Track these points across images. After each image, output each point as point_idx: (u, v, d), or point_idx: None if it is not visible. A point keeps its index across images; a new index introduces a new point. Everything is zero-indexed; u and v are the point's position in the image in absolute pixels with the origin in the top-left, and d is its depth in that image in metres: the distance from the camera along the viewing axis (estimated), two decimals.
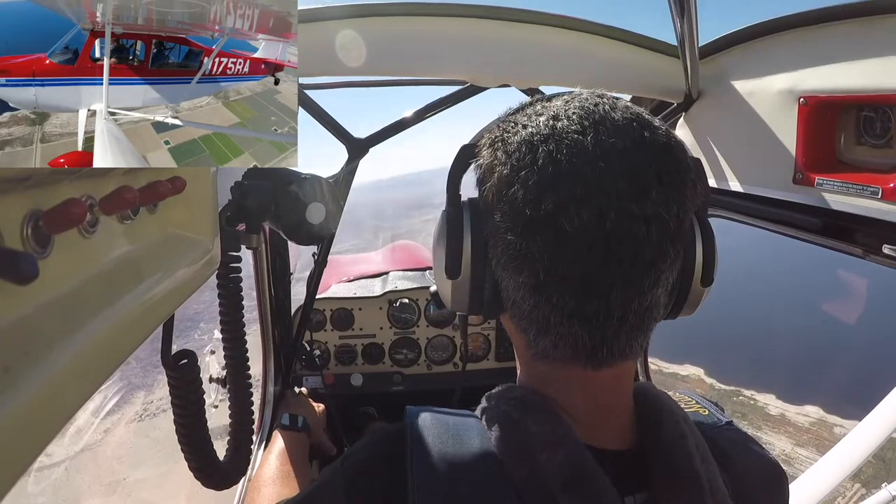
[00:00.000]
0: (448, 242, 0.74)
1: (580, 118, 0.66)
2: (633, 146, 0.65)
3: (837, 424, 22.94)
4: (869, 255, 1.16)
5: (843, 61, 1.16)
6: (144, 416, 16.05)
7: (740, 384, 26.98)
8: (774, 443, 22.32)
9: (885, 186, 1.09)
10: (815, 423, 23.30)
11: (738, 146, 1.51)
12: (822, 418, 23.56)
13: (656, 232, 0.64)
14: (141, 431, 15.18)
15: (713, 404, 0.93)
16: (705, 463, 0.72)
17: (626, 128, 0.66)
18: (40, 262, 0.49)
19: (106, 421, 15.26)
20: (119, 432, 15.16)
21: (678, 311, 0.77)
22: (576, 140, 0.64)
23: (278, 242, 2.21)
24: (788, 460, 20.86)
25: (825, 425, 23.09)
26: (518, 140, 0.68)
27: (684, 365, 28.46)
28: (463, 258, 0.74)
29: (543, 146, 0.65)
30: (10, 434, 0.44)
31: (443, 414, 0.76)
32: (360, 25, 1.36)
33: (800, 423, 23.63)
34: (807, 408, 24.33)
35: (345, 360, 2.68)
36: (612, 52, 1.52)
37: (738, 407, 24.96)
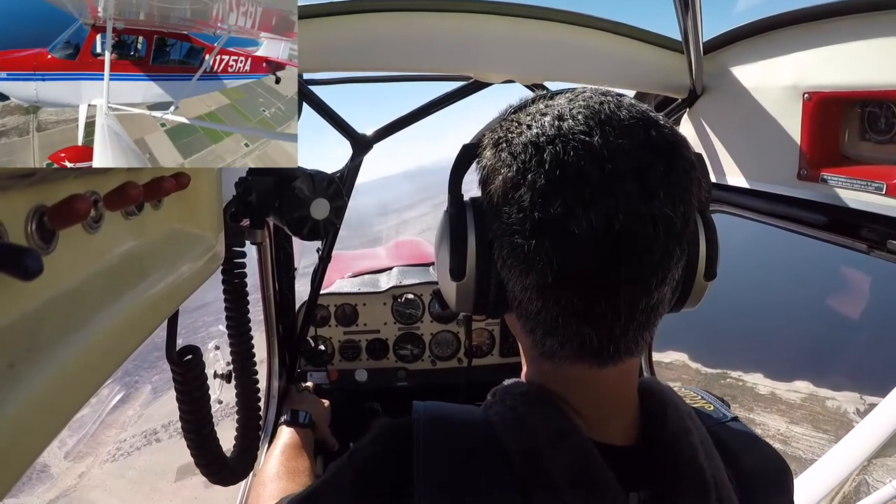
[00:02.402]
0: (452, 244, 0.74)
1: (586, 118, 0.66)
2: (640, 146, 0.65)
3: (829, 397, 22.86)
4: (873, 250, 1.15)
5: (847, 57, 1.15)
6: (118, 456, 16.05)
7: (726, 366, 26.90)
8: (768, 423, 22.23)
9: (890, 182, 1.09)
10: (807, 398, 23.19)
11: (743, 142, 1.51)
12: (812, 392, 23.46)
13: (664, 231, 0.64)
14: (116, 472, 15.15)
15: (718, 400, 0.93)
16: (710, 458, 0.73)
17: (632, 127, 0.66)
18: (44, 257, 0.50)
19: (79, 464, 15.21)
20: (94, 475, 15.10)
21: (682, 305, 0.78)
22: (582, 141, 0.64)
23: (282, 238, 2.21)
24: (785, 440, 20.78)
25: (817, 399, 22.98)
26: (523, 141, 0.67)
27: (667, 352, 28.42)
28: (467, 260, 0.74)
29: (550, 147, 0.65)
30: (15, 430, 0.44)
31: (449, 409, 0.76)
32: (366, 21, 1.36)
33: (791, 399, 23.53)
34: (796, 383, 24.22)
35: (349, 355, 2.68)
36: (617, 48, 1.52)
37: (727, 389, 24.86)
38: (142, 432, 19.17)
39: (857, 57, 1.13)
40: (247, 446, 1.41)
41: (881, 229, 1.13)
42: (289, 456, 1.59)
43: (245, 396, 1.39)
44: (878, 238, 1.13)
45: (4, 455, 0.43)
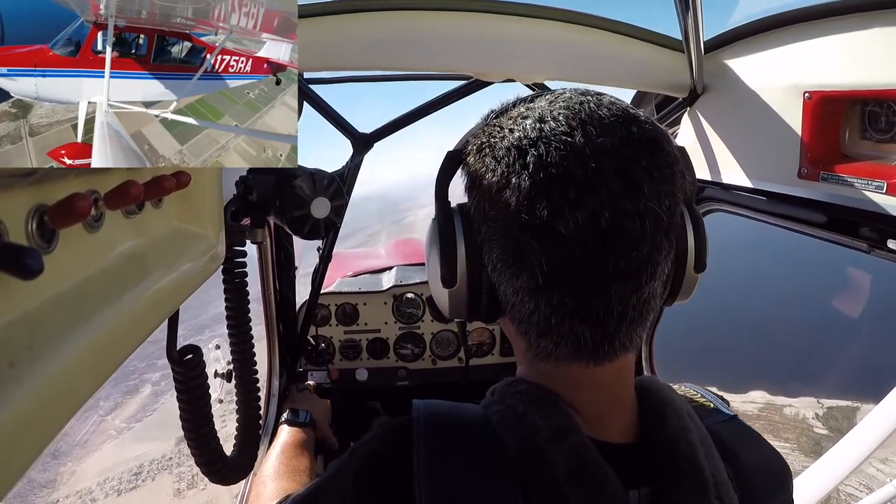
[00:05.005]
0: (442, 251, 0.74)
1: (566, 118, 0.66)
2: (622, 143, 0.65)
3: (786, 405, 22.65)
4: (874, 249, 1.15)
5: (848, 56, 1.15)
6: None
7: (677, 380, 26.62)
8: None
9: (890, 181, 1.09)
10: (764, 407, 22.93)
11: (743, 141, 1.51)
12: (769, 402, 23.21)
13: (651, 226, 0.64)
14: None
15: (718, 398, 0.93)
16: (709, 457, 0.73)
17: (613, 125, 0.66)
18: (45, 256, 0.50)
19: None
20: None
21: (674, 298, 0.78)
22: (565, 141, 0.64)
23: (283, 237, 2.22)
24: None
25: (774, 408, 22.73)
26: (506, 145, 0.68)
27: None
28: (458, 266, 0.74)
29: (533, 150, 0.65)
30: (15, 429, 0.44)
31: (448, 407, 0.76)
32: (366, 20, 1.36)
33: (748, 411, 23.16)
34: (751, 394, 24.00)
35: (350, 354, 2.69)
36: (618, 47, 1.52)
37: None
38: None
39: (857, 56, 1.13)
40: (247, 445, 1.41)
41: (882, 228, 1.13)
42: (289, 455, 1.60)
43: (245, 396, 1.39)
44: (879, 237, 1.13)
45: (4, 455, 0.43)
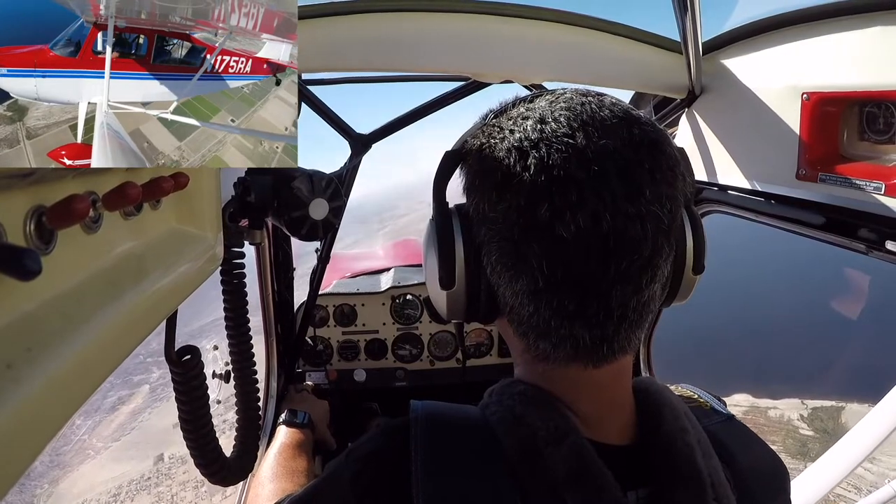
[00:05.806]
0: (440, 252, 0.74)
1: (568, 120, 0.66)
2: (624, 145, 0.65)
3: (770, 407, 22.49)
4: (872, 250, 1.15)
5: (846, 57, 1.15)
6: None
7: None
8: None
9: (889, 182, 1.09)
10: (749, 410, 22.70)
11: (741, 142, 1.51)
12: (753, 404, 22.96)
13: (652, 229, 0.64)
14: None
15: (716, 399, 0.93)
16: (707, 457, 0.73)
17: (614, 126, 0.66)
18: (43, 258, 0.50)
19: None
20: None
21: (672, 300, 0.78)
22: (566, 143, 0.64)
23: (281, 238, 2.22)
24: None
25: (759, 410, 22.51)
26: (506, 146, 0.67)
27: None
28: (456, 267, 0.73)
29: (534, 151, 0.64)
30: (13, 431, 0.44)
31: (446, 408, 0.76)
32: (365, 21, 1.36)
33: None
34: (735, 397, 23.77)
35: (348, 355, 2.69)
36: (616, 49, 1.52)
37: None
38: None
39: (855, 57, 1.13)
40: (246, 446, 1.41)
41: (880, 229, 1.13)
42: (287, 456, 1.59)
43: (244, 396, 1.39)
44: (877, 238, 1.13)
45: (2, 456, 0.43)
